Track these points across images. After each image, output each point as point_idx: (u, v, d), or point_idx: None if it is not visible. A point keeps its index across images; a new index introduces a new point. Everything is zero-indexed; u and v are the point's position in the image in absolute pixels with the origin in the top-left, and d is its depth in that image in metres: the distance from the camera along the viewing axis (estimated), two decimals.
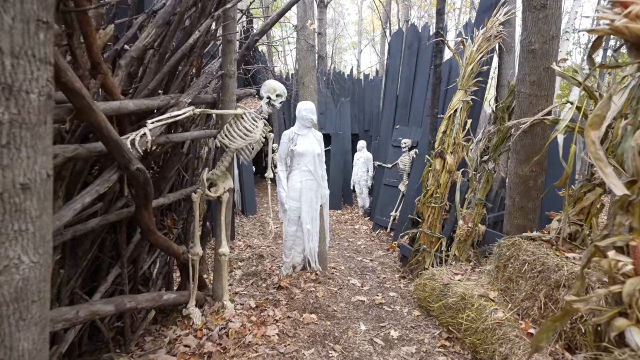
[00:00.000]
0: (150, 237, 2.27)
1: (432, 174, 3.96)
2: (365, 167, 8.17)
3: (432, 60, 6.58)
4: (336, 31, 16.82)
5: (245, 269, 4.58)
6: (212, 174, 2.74)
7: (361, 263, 4.96)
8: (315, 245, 4.06)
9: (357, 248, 5.75)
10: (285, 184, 3.84)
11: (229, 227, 3.09)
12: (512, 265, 2.63)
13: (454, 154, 3.82)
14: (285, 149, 3.81)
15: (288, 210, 3.90)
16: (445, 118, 3.87)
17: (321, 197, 4.02)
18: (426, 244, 3.96)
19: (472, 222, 3.45)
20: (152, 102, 2.08)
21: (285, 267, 4.14)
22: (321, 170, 3.98)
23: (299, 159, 3.79)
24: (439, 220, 3.89)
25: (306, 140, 3.80)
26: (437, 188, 3.89)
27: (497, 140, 3.35)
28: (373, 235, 6.51)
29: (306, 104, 3.76)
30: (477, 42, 3.70)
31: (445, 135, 3.88)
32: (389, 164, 6.77)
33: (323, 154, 4.01)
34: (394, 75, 7.05)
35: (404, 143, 6.34)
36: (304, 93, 4.02)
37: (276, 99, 2.77)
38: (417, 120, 6.59)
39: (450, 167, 3.78)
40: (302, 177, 3.82)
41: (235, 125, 2.65)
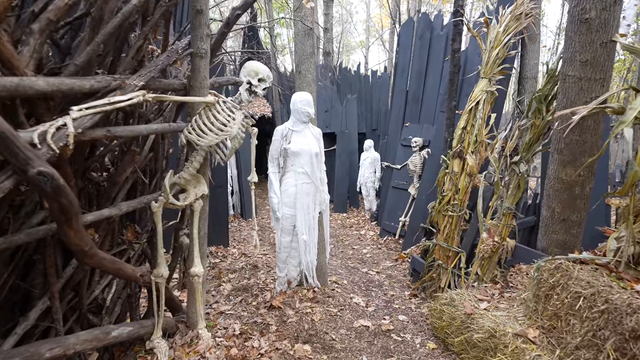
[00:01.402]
0: (87, 260, 1.72)
1: (449, 177, 3.34)
2: (372, 168, 7.57)
3: (445, 51, 5.95)
4: (343, 28, 16.21)
5: (236, 282, 4.02)
6: (178, 178, 2.18)
7: (366, 276, 4.36)
8: (313, 259, 3.48)
9: (362, 257, 5.14)
10: (278, 188, 3.26)
11: (204, 241, 2.52)
12: (558, 296, 2.01)
13: (475, 153, 3.20)
14: (278, 148, 3.23)
15: (281, 218, 3.33)
16: (465, 112, 3.25)
17: (320, 203, 3.43)
18: (442, 259, 3.35)
19: (498, 235, 2.83)
20: (79, 83, 1.52)
21: (279, 283, 3.57)
22: (320, 172, 3.39)
23: (293, 159, 3.21)
24: (457, 231, 3.27)
25: (302, 137, 3.22)
26: (455, 194, 3.27)
27: (531, 136, 2.72)
28: (380, 242, 5.90)
29: (302, 95, 3.17)
30: (504, 22, 3.07)
31: (465, 132, 3.26)
32: (397, 165, 6.16)
33: (322, 153, 3.42)
34: (404, 69, 6.42)
35: (415, 142, 5.72)
36: (301, 83, 3.44)
37: (258, 84, 2.19)
38: (429, 117, 5.96)
39: (470, 169, 3.16)
40: (298, 180, 3.24)
41: (206, 117, 2.08)
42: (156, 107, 2.39)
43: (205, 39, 2.16)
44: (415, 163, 5.64)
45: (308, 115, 3.17)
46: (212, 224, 5.07)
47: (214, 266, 4.49)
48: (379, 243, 5.86)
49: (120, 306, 2.37)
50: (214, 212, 4.95)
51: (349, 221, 7.55)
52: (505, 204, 2.87)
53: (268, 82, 2.22)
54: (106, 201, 2.04)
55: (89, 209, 2.07)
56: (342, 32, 14.82)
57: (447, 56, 5.95)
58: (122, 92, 1.69)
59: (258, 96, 2.23)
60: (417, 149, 5.68)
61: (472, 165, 3.15)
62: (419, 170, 5.61)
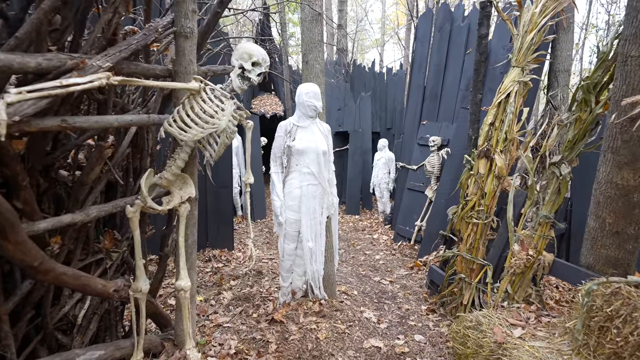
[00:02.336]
0: (41, 277, 1.41)
1: (473, 179, 2.93)
2: (387, 169, 7.17)
3: (466, 44, 5.50)
4: (357, 25, 15.77)
5: (238, 289, 3.70)
6: (159, 178, 1.86)
7: (379, 285, 3.97)
8: (319, 268, 3.13)
9: (374, 264, 4.76)
10: (281, 190, 2.92)
11: (194, 249, 2.20)
12: (619, 331, 1.59)
13: (505, 153, 2.78)
14: (281, 145, 2.89)
15: (285, 223, 2.99)
16: (493, 106, 2.84)
17: (327, 206, 3.08)
18: (464, 272, 2.94)
19: (533, 248, 2.41)
20: (20, 60, 1.21)
21: (283, 294, 3.23)
22: (328, 173, 3.04)
23: (298, 158, 2.87)
24: (482, 241, 2.86)
25: (308, 133, 2.87)
26: (481, 198, 2.86)
27: (575, 133, 2.30)
28: (394, 247, 5.49)
29: (308, 87, 2.82)
30: (541, 1, 2.64)
31: (493, 129, 2.84)
32: (414, 166, 5.74)
33: (331, 152, 3.06)
34: (421, 63, 5.99)
35: (433, 141, 5.29)
36: (308, 74, 3.09)
37: (252, 69, 1.84)
38: (448, 115, 5.53)
39: (499, 170, 2.75)
40: (303, 182, 2.89)
41: (189, 108, 1.75)
42: (138, 96, 2.08)
43: (191, 15, 1.83)
44: (433, 164, 5.22)
45: (315, 109, 2.82)
46: (215, 226, 4.79)
47: (216, 271, 4.19)
48: (392, 248, 5.46)
49: (97, 323, 2.07)
50: (217, 214, 4.66)
51: (361, 224, 7.17)
52: (542, 211, 2.45)
53: (264, 67, 1.88)
54: (74, 204, 1.74)
55: (57, 213, 1.77)
56: (356, 29, 14.40)
57: (469, 49, 5.51)
58: (82, 74, 1.37)
59: (252, 83, 1.88)
60: (435, 149, 5.26)
61: (500, 166, 2.74)
62: (436, 172, 5.19)
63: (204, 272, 4.17)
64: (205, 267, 4.29)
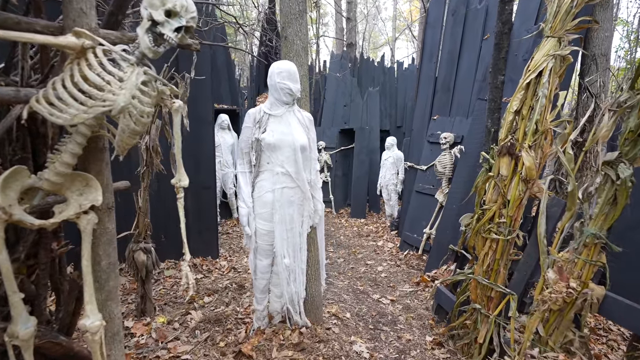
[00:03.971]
0: None
1: (492, 183, 2.27)
2: (395, 169, 6.50)
3: (484, 29, 4.79)
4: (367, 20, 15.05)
5: (211, 308, 3.13)
6: (38, 179, 1.28)
7: (377, 306, 3.33)
8: (299, 289, 2.52)
9: (375, 277, 4.11)
10: (249, 195, 2.33)
11: (111, 275, 1.61)
12: None
13: (535, 148, 2.11)
14: (249, 138, 2.29)
15: (255, 235, 2.39)
16: (520, 88, 2.16)
17: (309, 214, 2.47)
18: (480, 301, 2.27)
19: (576, 278, 1.74)
20: None
21: (257, 318, 2.64)
22: (310, 173, 2.42)
23: (270, 155, 2.26)
24: (504, 262, 2.19)
25: (283, 124, 2.26)
26: (503, 207, 2.19)
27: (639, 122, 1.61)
28: (399, 257, 4.83)
29: (281, 65, 2.22)
30: None
31: (520, 118, 2.17)
32: (423, 166, 5.06)
33: (314, 147, 2.45)
34: (433, 52, 5.30)
35: (444, 138, 4.61)
36: (288, 52, 2.48)
37: (167, 21, 1.25)
38: (462, 109, 4.83)
39: (527, 171, 2.07)
40: (276, 184, 2.28)
41: (69, 77, 1.18)
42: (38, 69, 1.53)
43: None
44: (445, 163, 4.53)
45: (290, 93, 2.21)
46: (197, 230, 4.24)
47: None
48: (398, 258, 4.79)
49: None
50: (199, 217, 4.11)
51: (366, 228, 6.52)
52: (590, 227, 1.77)
53: (185, 19, 1.27)
54: None
55: None
56: (366, 24, 13.69)
57: (487, 34, 4.80)
58: None
59: (170, 44, 1.29)
60: (447, 147, 4.57)
61: (529, 166, 2.06)
62: (448, 173, 4.50)
63: (178, 284, 3.62)
64: (182, 278, 3.72)
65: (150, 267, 2.82)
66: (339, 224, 6.86)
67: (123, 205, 3.41)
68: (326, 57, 9.04)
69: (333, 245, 5.45)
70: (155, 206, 3.89)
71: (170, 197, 3.86)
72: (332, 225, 6.68)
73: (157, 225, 3.95)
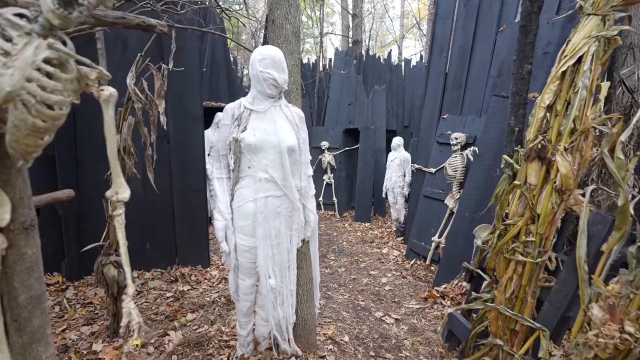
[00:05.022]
0: None
1: (517, 193, 1.86)
2: (402, 171, 6.09)
3: (499, 20, 4.36)
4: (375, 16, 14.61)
5: (193, 327, 2.77)
6: None
7: (380, 326, 2.95)
8: (288, 313, 2.15)
9: (379, 290, 3.72)
10: (226, 205, 1.96)
11: (34, 313, 1.26)
12: None
13: (572, 151, 1.70)
14: (226, 138, 1.93)
15: (235, 252, 2.03)
16: (552, 78, 1.76)
17: (298, 228, 2.10)
18: (502, 334, 1.88)
19: (633, 320, 1.34)
20: None
21: (241, 345, 2.28)
22: (300, 179, 2.05)
23: (251, 158, 1.89)
24: (532, 289, 1.79)
25: (266, 121, 1.89)
26: (531, 223, 1.79)
27: None
28: (405, 267, 4.43)
29: (264, 51, 1.84)
30: None
31: (553, 114, 1.77)
32: (431, 168, 4.65)
33: (305, 148, 2.08)
34: (443, 45, 4.88)
35: (455, 139, 4.19)
36: (276, 38, 2.11)
37: None
38: (474, 107, 4.41)
39: (563, 180, 1.67)
40: (259, 192, 1.91)
41: None
42: None
43: None
44: (455, 166, 4.12)
45: (275, 84, 1.84)
46: (185, 237, 3.88)
47: (178, 297, 3.29)
48: (404, 268, 4.39)
49: None
50: (188, 223, 3.76)
51: (371, 234, 6.12)
52: None
53: None
54: None
55: None
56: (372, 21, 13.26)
57: (502, 26, 4.37)
58: None
59: (87, 7, 0.93)
60: (458, 148, 4.16)
61: (565, 174, 1.66)
62: (459, 176, 4.08)
63: (163, 297, 3.28)
64: (168, 290, 3.39)
65: (122, 283, 2.47)
66: (342, 228, 6.47)
67: (98, 214, 3.08)
68: (332, 55, 8.68)
69: (335, 252, 5.07)
70: (140, 212, 3.56)
71: (156, 202, 3.53)
72: (335, 230, 6.31)
73: (142, 232, 3.63)
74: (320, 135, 7.41)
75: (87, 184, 3.22)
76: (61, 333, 2.65)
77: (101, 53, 2.36)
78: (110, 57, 3.09)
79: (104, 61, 2.38)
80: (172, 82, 3.44)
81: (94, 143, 3.14)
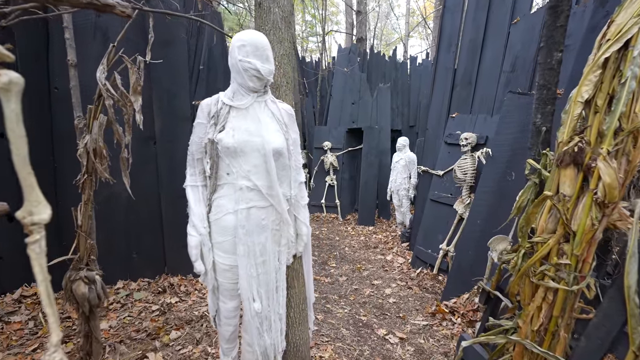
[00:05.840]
0: None
1: (547, 205, 1.55)
2: (407, 172, 5.78)
3: (513, 11, 4.03)
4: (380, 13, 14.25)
5: (176, 349, 2.49)
6: None
7: (383, 347, 2.64)
8: (276, 340, 1.85)
9: (382, 303, 3.41)
10: (201, 217, 1.66)
11: None
12: None
13: (617, 156, 1.38)
14: (201, 139, 1.64)
15: (214, 272, 1.75)
16: (592, 66, 1.44)
17: (290, 242, 1.81)
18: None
19: None
20: None
21: None
22: (289, 187, 1.75)
23: (230, 163, 1.60)
24: (565, 321, 1.47)
25: (248, 120, 1.59)
26: (564, 242, 1.48)
27: None
28: (411, 275, 4.11)
29: (244, 36, 1.54)
30: None
31: (591, 111, 1.45)
32: (439, 170, 4.33)
33: (295, 151, 1.78)
34: (451, 39, 4.55)
35: (465, 139, 3.87)
36: (263, 24, 1.82)
37: None
38: (486, 105, 4.09)
39: (607, 190, 1.35)
40: (240, 203, 1.62)
41: None
42: None
43: None
44: (465, 169, 3.79)
45: (258, 76, 1.54)
46: (175, 245, 3.56)
47: (165, 310, 3.01)
48: (409, 277, 4.08)
49: None
50: (177, 229, 3.47)
51: (374, 238, 5.81)
52: None
53: None
54: None
55: None
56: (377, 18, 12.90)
57: (516, 18, 4.04)
58: None
59: None
60: (469, 149, 3.83)
61: (609, 183, 1.34)
62: (469, 180, 3.76)
63: (148, 311, 3.01)
64: (154, 303, 3.12)
65: (94, 301, 2.19)
66: (345, 232, 6.17)
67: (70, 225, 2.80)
68: None
69: (336, 258, 4.77)
70: (125, 218, 3.30)
71: (143, 208, 3.25)
72: (337, 234, 6.00)
73: (128, 240, 3.36)
74: (322, 135, 7.11)
75: (67, 190, 2.95)
76: (31, 353, 2.39)
77: (69, 44, 2.08)
78: (88, 50, 2.82)
79: (73, 52, 2.10)
80: (159, 78, 3.16)
81: (74, 146, 2.88)
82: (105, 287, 2.27)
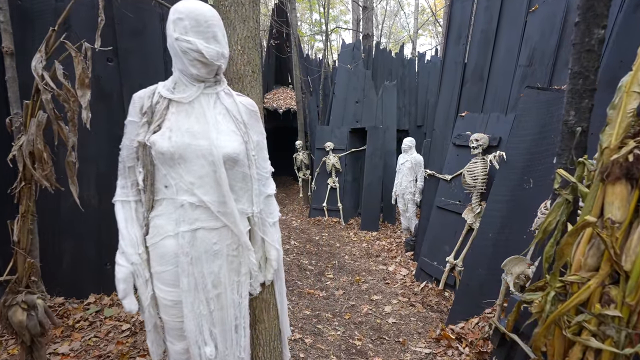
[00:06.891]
0: None
1: (587, 232, 1.13)
2: (413, 175, 5.35)
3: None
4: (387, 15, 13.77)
5: None
6: None
7: None
8: None
9: (380, 325, 3.02)
10: (133, 241, 1.30)
11: None
12: None
13: None
14: (132, 142, 1.28)
15: (156, 309, 1.39)
16: None
17: (252, 271, 1.43)
18: None
19: None
20: None
21: None
22: (251, 203, 1.37)
23: (168, 172, 1.23)
24: None
25: (192, 117, 1.22)
26: (611, 284, 1.06)
27: None
28: (415, 290, 3.70)
29: (184, 7, 1.16)
30: None
31: None
32: (447, 175, 3.90)
33: (261, 156, 1.40)
34: (461, 31, 4.11)
35: (475, 140, 3.44)
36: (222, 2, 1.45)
37: None
38: (499, 103, 3.65)
39: None
40: (182, 224, 1.24)
41: None
42: None
43: None
44: (476, 174, 3.36)
45: (201, 60, 1.16)
46: None
47: (136, 331, 2.68)
48: (412, 292, 3.67)
49: None
50: None
51: (377, 245, 5.40)
52: None
53: None
54: None
55: None
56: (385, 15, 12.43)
57: (535, 5, 3.59)
58: None
59: None
60: (479, 152, 3.40)
61: None
62: (480, 186, 3.33)
63: (118, 331, 2.68)
64: (126, 320, 2.79)
65: (34, 330, 1.86)
66: (347, 237, 5.78)
67: (49, 229, 2.46)
68: None
69: (334, 268, 4.39)
70: (95, 226, 2.99)
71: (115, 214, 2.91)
72: (338, 240, 5.62)
73: (99, 250, 3.05)
74: (324, 135, 6.73)
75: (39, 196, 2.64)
76: None
77: (4, 28, 1.75)
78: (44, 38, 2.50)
79: (9, 38, 1.77)
80: (129, 70, 2.83)
81: None
82: (51, 313, 1.94)
